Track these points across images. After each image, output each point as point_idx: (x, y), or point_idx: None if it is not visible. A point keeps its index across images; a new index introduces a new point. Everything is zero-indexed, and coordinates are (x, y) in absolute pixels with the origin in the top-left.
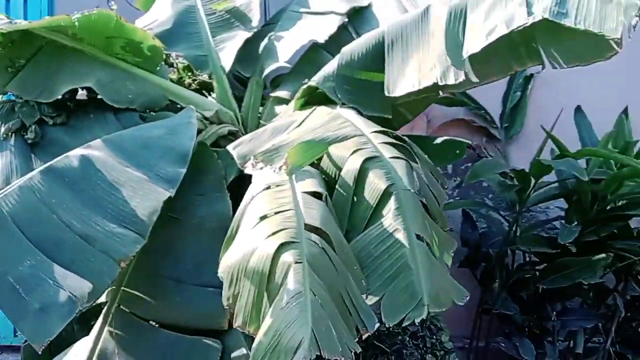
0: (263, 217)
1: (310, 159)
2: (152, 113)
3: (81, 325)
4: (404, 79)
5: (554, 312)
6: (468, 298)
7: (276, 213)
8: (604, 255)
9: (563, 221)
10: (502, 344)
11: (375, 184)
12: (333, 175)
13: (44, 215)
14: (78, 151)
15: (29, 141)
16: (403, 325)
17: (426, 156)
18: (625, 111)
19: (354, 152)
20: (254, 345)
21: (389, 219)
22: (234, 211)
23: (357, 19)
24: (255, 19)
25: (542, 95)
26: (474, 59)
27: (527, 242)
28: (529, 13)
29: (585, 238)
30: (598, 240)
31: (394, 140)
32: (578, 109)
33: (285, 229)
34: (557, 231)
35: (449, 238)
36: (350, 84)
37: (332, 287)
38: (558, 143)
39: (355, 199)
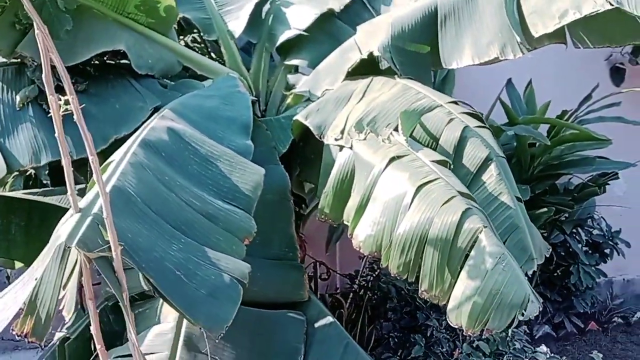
0: (420, 187)
1: (412, 128)
2: (167, 80)
3: (116, 315)
4: (460, 52)
5: None
6: (550, 250)
7: (427, 183)
8: (545, 209)
9: None
10: None
11: (474, 152)
12: (429, 145)
13: (166, 195)
14: (161, 122)
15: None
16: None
17: None
18: (529, 84)
19: (449, 122)
20: (464, 306)
21: (492, 183)
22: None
23: None
24: None
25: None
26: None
27: None
28: (594, 1)
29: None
30: (532, 197)
31: (469, 110)
32: (509, 82)
33: (453, 196)
34: None
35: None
36: (403, 54)
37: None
38: (509, 111)
39: (453, 166)
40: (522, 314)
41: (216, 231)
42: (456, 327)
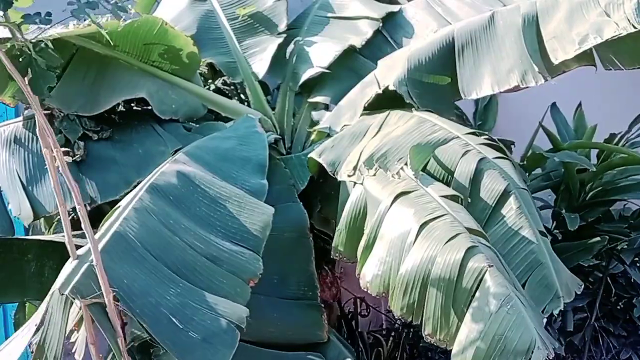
0: (424, 225)
1: (423, 162)
2: (192, 124)
3: (143, 355)
4: (479, 82)
5: None
6: (582, 287)
7: (433, 219)
8: (598, 238)
9: (551, 210)
10: None
11: (492, 184)
12: (443, 179)
13: (168, 238)
14: (171, 167)
15: (77, 159)
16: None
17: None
18: (579, 106)
19: (464, 154)
20: (467, 351)
21: (512, 217)
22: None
23: (390, 24)
24: (282, 23)
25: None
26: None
27: None
28: (616, 24)
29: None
30: (585, 226)
31: (488, 141)
32: (554, 106)
33: (459, 234)
34: None
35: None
36: (420, 87)
37: (515, 287)
38: (552, 137)
39: (470, 200)
40: None
41: (219, 273)
42: None
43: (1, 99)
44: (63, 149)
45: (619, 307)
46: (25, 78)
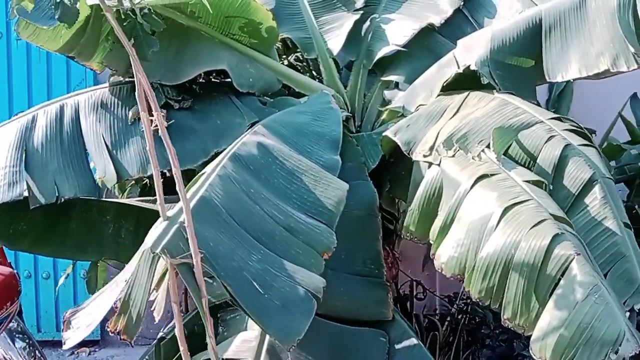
0: (508, 209)
1: (506, 146)
2: (267, 98)
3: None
4: (566, 65)
5: None
6: None
7: (517, 204)
8: None
9: (625, 204)
10: None
11: (576, 172)
12: (525, 164)
13: (249, 206)
14: (252, 138)
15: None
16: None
17: None
18: None
19: (548, 139)
20: (549, 338)
21: (596, 207)
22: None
23: (472, 3)
24: (360, 0)
25: (584, 82)
26: None
27: None
28: None
29: None
30: None
31: (574, 127)
32: (635, 96)
33: (544, 220)
34: None
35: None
36: (503, 68)
37: (601, 277)
38: (631, 128)
39: (552, 187)
40: (616, 353)
41: (296, 244)
42: (539, 359)
43: (89, 64)
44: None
45: None
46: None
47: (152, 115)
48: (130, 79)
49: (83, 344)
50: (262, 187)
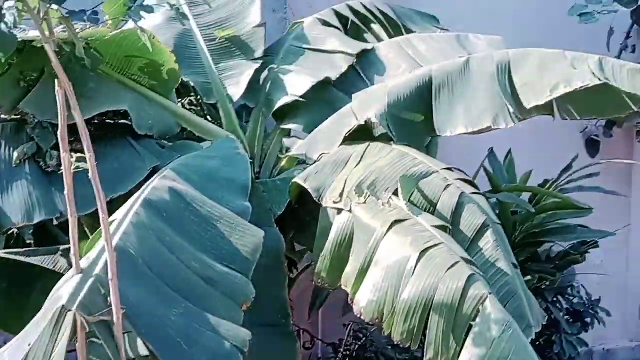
0: (423, 252)
1: (409, 193)
2: (165, 141)
3: None
4: (454, 122)
5: None
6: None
7: (430, 247)
8: (529, 277)
9: None
10: None
11: (471, 218)
12: (425, 209)
13: (166, 256)
14: (162, 183)
15: (48, 169)
16: None
17: None
18: (509, 153)
19: (446, 188)
20: None
21: (489, 250)
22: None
23: (364, 61)
24: (260, 50)
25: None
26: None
27: None
28: (582, 76)
29: None
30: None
31: (463, 176)
32: (491, 152)
33: (457, 262)
34: None
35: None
36: (399, 122)
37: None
38: (493, 179)
39: (452, 232)
40: None
41: (215, 296)
42: None
43: None
44: (79, 154)
45: (538, 344)
46: None
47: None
48: (16, 117)
49: None
50: (177, 235)
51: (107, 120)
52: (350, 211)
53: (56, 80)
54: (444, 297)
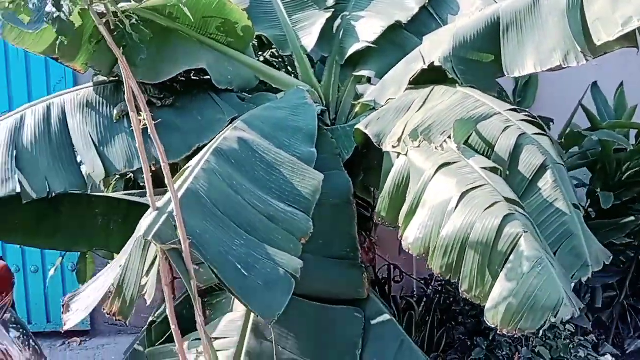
0: (465, 193)
1: (466, 136)
2: (245, 94)
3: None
4: (522, 61)
5: None
6: (611, 258)
7: (473, 189)
8: (632, 217)
9: (586, 189)
10: None
11: (530, 159)
12: (484, 153)
13: (232, 197)
14: (233, 133)
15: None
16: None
17: None
18: (620, 86)
19: (505, 129)
20: (500, 307)
21: (548, 190)
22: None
23: (436, 0)
24: None
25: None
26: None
27: None
28: None
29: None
30: (619, 205)
31: (529, 118)
32: (595, 85)
33: (497, 202)
34: None
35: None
36: (465, 64)
37: (546, 252)
38: (591, 115)
39: (509, 173)
40: (555, 316)
41: (276, 231)
42: (492, 326)
43: (72, 65)
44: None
45: None
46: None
47: (140, 115)
48: (114, 79)
49: (74, 334)
50: (243, 179)
51: (193, 77)
52: (406, 155)
53: (117, 56)
54: (480, 234)
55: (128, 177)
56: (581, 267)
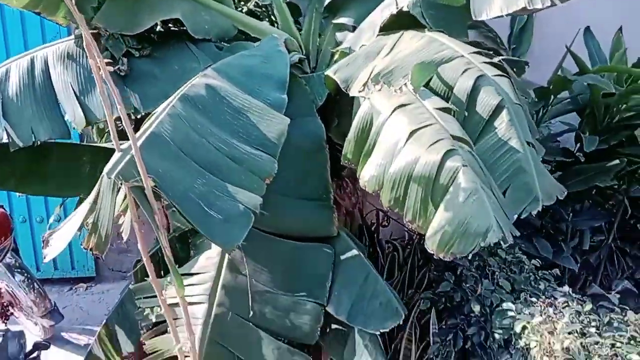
0: (414, 131)
1: (425, 79)
2: (224, 43)
3: (182, 244)
4: (490, 4)
5: (569, 215)
6: (566, 193)
7: (424, 127)
8: (617, 161)
9: (574, 133)
10: (523, 245)
11: (487, 99)
12: (443, 95)
13: (196, 140)
14: (201, 80)
15: (122, 73)
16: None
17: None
18: (620, 31)
19: (464, 71)
20: (438, 234)
21: (503, 129)
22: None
23: None
24: None
25: (545, 17)
26: None
27: (548, 152)
28: None
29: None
30: (607, 149)
31: (491, 60)
32: (587, 30)
33: (441, 139)
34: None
35: (539, 144)
36: (435, 8)
37: (485, 184)
38: (579, 60)
39: (467, 113)
40: (484, 241)
41: (240, 171)
42: (431, 252)
43: (55, 19)
44: (106, 60)
45: (637, 228)
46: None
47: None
48: (93, 31)
49: (80, 280)
50: (209, 124)
51: (172, 28)
52: (369, 99)
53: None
54: (424, 169)
55: (120, 129)
56: (532, 201)
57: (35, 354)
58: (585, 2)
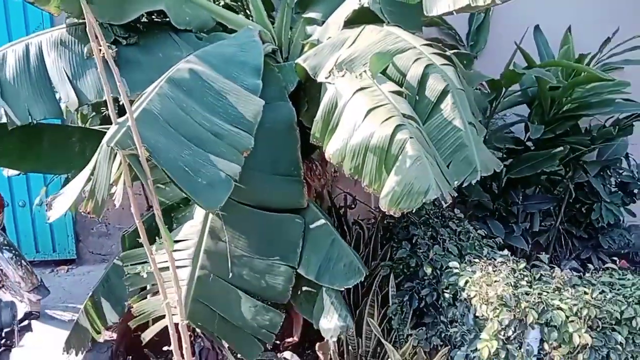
0: (370, 110)
1: (382, 67)
2: (203, 34)
3: (165, 218)
4: (439, 0)
5: (519, 199)
6: (502, 166)
7: (379, 106)
8: (561, 148)
9: (525, 123)
10: (477, 226)
11: (435, 85)
12: (398, 80)
13: (182, 117)
14: (185, 65)
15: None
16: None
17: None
18: (569, 29)
19: (415, 60)
20: (389, 194)
21: (448, 111)
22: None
23: None
24: None
25: (500, 16)
26: None
27: (499, 140)
28: None
29: (543, 136)
30: (553, 137)
31: (440, 51)
32: (537, 28)
33: (393, 116)
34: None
35: (481, 126)
36: (392, 5)
37: (429, 154)
38: (526, 55)
39: (417, 97)
40: (424, 198)
41: (221, 144)
42: (384, 210)
43: (47, 8)
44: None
45: (582, 212)
46: None
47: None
48: (84, 20)
49: (61, 262)
50: (193, 103)
51: (156, 19)
52: (333, 84)
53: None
54: (377, 141)
55: (103, 114)
56: (471, 172)
57: (26, 322)
58: (538, 3)
